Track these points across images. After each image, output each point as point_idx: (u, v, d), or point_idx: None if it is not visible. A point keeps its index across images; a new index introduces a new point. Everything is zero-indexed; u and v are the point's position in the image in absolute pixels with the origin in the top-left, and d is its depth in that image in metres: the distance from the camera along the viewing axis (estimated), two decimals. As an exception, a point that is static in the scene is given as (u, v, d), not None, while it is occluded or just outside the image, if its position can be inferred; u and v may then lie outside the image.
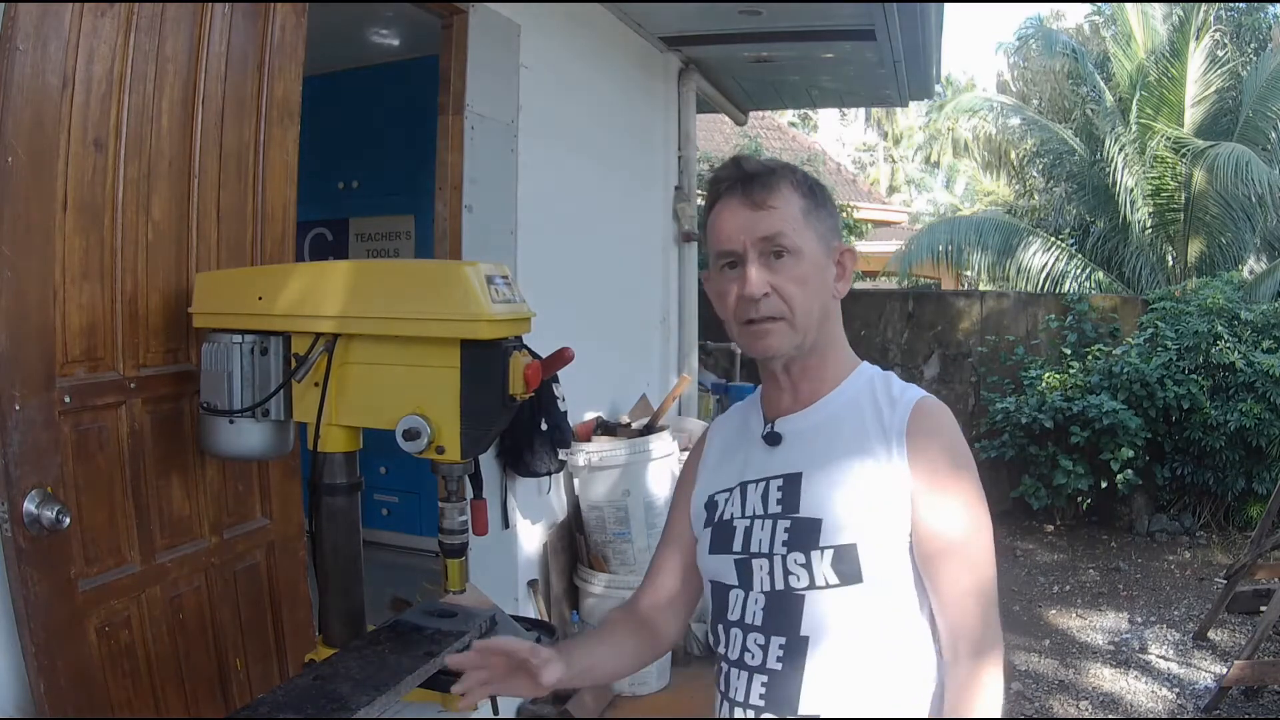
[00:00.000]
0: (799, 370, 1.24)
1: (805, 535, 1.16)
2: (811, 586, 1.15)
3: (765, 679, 1.18)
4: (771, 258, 1.17)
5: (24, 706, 1.49)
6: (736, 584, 1.22)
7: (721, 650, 1.24)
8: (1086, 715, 3.77)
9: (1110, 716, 3.75)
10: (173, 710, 1.76)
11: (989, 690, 1.15)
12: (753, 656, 1.19)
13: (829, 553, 1.14)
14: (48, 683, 1.49)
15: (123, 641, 1.67)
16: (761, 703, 1.17)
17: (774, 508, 1.20)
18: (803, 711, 1.15)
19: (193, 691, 1.81)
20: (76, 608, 1.56)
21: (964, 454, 1.19)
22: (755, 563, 1.20)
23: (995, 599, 1.18)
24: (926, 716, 1.19)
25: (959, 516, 1.15)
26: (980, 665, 1.15)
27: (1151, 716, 3.74)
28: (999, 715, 1.14)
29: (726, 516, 1.25)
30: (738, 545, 1.22)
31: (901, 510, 1.14)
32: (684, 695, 3.46)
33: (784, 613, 1.17)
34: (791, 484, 1.20)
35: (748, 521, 1.22)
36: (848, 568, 1.14)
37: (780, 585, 1.17)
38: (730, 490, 1.26)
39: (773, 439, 1.25)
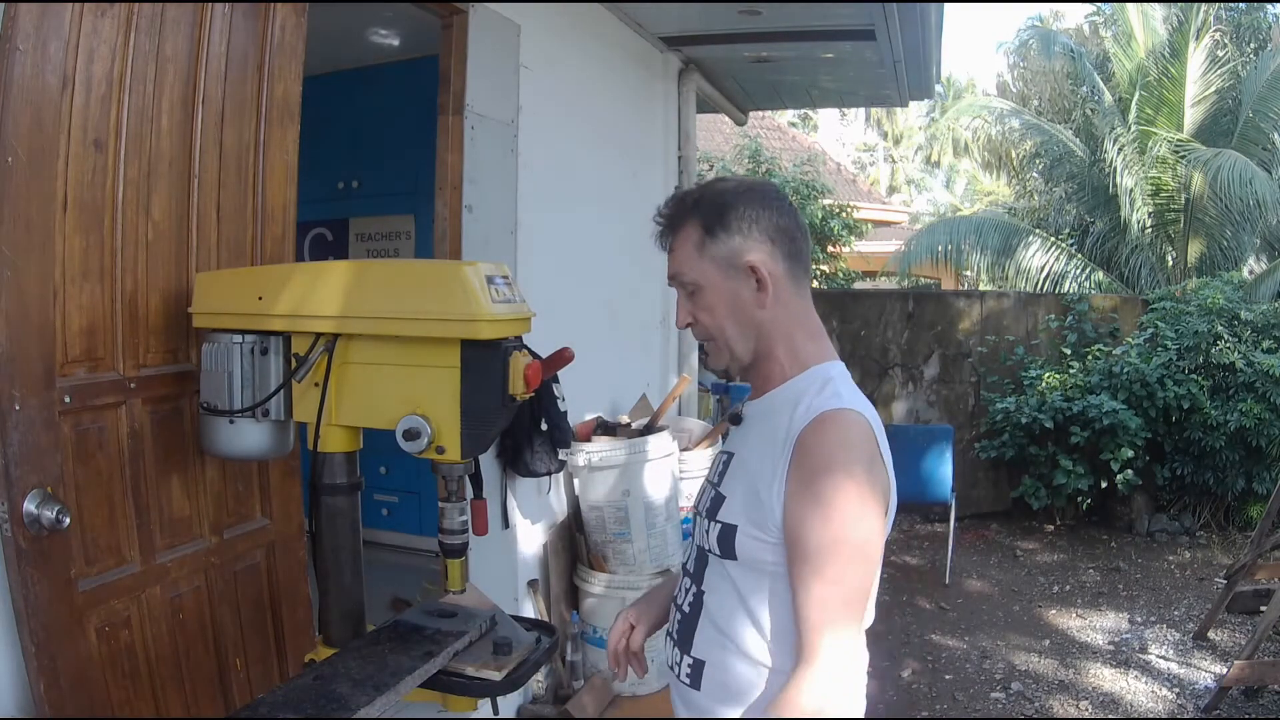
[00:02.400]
0: (753, 370, 1.39)
1: (715, 506, 1.33)
2: (710, 551, 1.33)
3: (679, 617, 1.39)
4: (687, 293, 1.35)
5: (24, 706, 1.49)
6: (691, 532, 1.44)
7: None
8: (1086, 715, 3.77)
9: (1110, 716, 3.75)
10: (173, 710, 1.76)
11: (803, 696, 1.16)
12: (681, 596, 1.41)
13: (718, 527, 1.31)
14: (48, 683, 1.49)
15: (123, 641, 1.67)
16: (675, 637, 1.39)
17: (715, 477, 1.40)
18: (694, 653, 1.33)
19: (193, 691, 1.81)
20: (76, 608, 1.56)
21: (838, 468, 1.20)
22: (697, 519, 1.40)
23: (845, 614, 1.19)
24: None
25: (818, 528, 1.19)
26: (804, 672, 1.17)
27: (1151, 716, 3.74)
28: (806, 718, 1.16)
29: (707, 476, 1.46)
30: (696, 500, 1.43)
31: (774, 509, 1.24)
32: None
33: (700, 566, 1.37)
34: (728, 461, 1.38)
35: (706, 484, 1.43)
36: (726, 544, 1.29)
37: (701, 543, 1.37)
38: (717, 454, 1.47)
39: (734, 419, 1.43)
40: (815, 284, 9.30)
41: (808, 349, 1.35)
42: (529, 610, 3.24)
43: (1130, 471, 6.07)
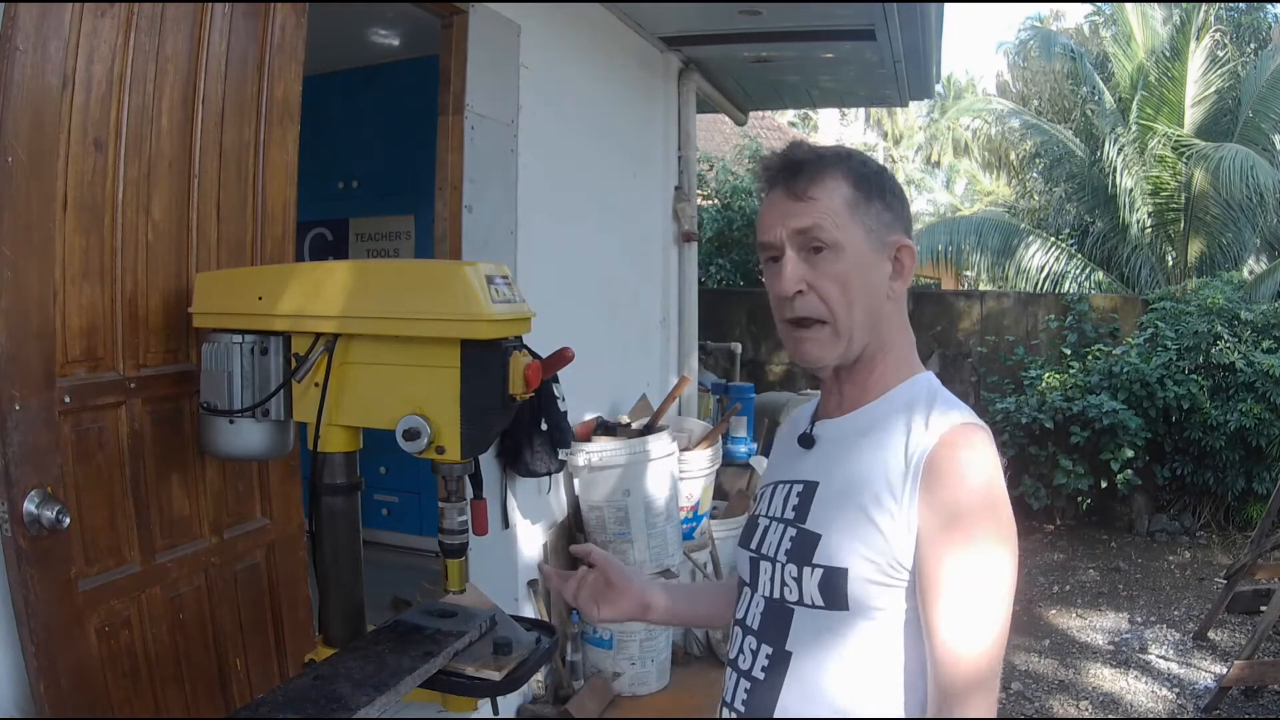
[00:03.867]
0: (846, 375, 1.17)
1: (804, 548, 1.12)
2: (800, 603, 1.12)
3: (749, 685, 1.16)
4: (810, 253, 1.11)
5: (24, 706, 1.49)
6: (748, 582, 1.21)
7: (728, 646, 1.23)
8: (1086, 715, 3.77)
9: (1110, 716, 3.75)
10: (173, 710, 1.76)
11: None
12: (744, 660, 1.18)
13: (819, 572, 1.09)
14: (48, 683, 1.49)
15: (123, 641, 1.67)
16: (743, 708, 1.16)
17: (788, 513, 1.16)
18: None
19: (193, 691, 1.81)
20: (76, 608, 1.56)
21: (986, 495, 1.05)
22: (763, 564, 1.17)
23: (998, 661, 1.05)
24: None
25: (972, 570, 1.04)
26: (954, 712, 1.04)
27: (1151, 716, 3.74)
28: None
29: (758, 511, 1.24)
30: (754, 543, 1.21)
31: (903, 547, 1.06)
32: (684, 695, 3.46)
33: (776, 622, 1.15)
34: (808, 492, 1.15)
35: (767, 521, 1.20)
36: (834, 592, 1.08)
37: (777, 594, 1.15)
38: (769, 486, 1.24)
39: (806, 441, 1.21)
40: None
41: (911, 357, 1.19)
42: (529, 610, 3.24)
43: (1130, 471, 6.08)
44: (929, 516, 1.04)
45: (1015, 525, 1.08)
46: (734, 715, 1.17)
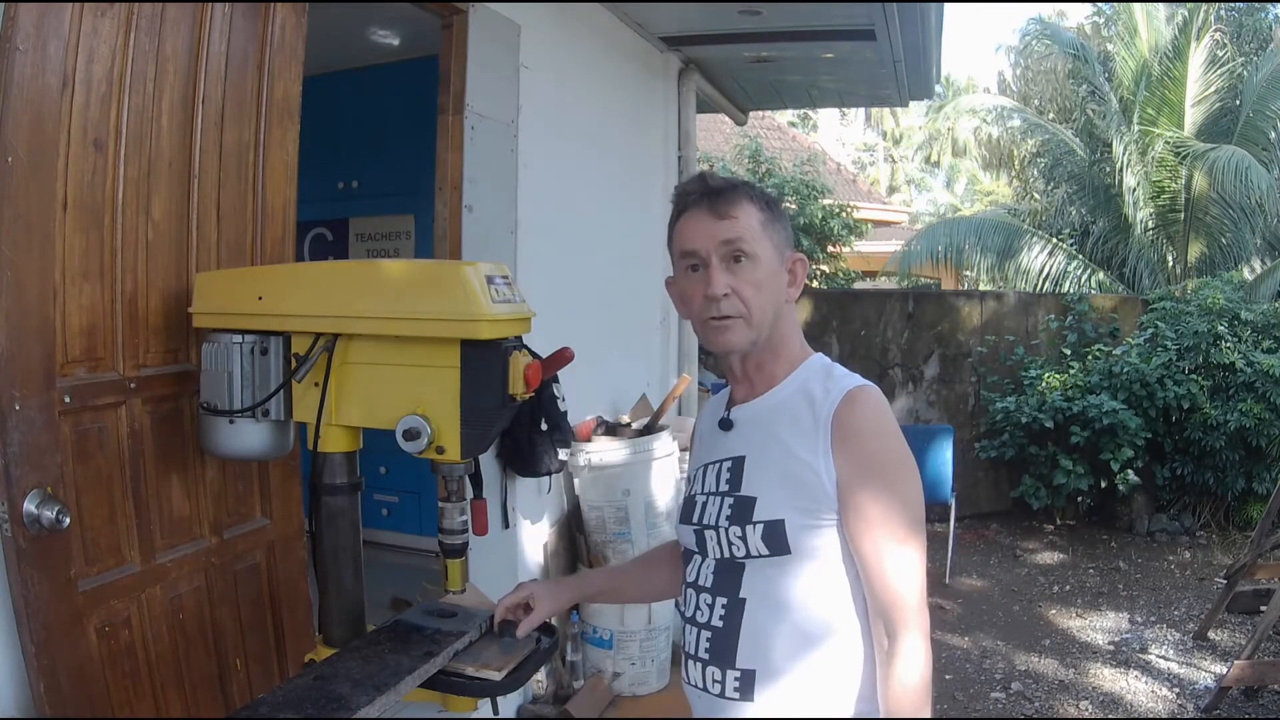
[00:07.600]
0: (754, 365, 1.38)
1: (743, 511, 1.31)
2: (748, 556, 1.30)
3: (710, 634, 1.34)
4: (731, 261, 1.32)
5: (24, 706, 1.49)
6: (696, 550, 1.39)
7: (683, 608, 1.41)
8: (1086, 715, 3.77)
9: (1110, 716, 3.75)
10: (173, 710, 1.76)
11: (909, 659, 1.23)
12: (702, 614, 1.35)
13: (760, 527, 1.29)
14: (48, 683, 1.49)
15: (123, 641, 1.67)
16: (707, 656, 1.34)
17: (722, 486, 1.36)
18: (739, 664, 1.30)
19: (193, 691, 1.81)
20: (76, 608, 1.56)
21: (887, 439, 1.29)
22: (708, 533, 1.35)
23: (922, 570, 1.27)
24: (852, 674, 1.30)
25: (885, 497, 1.25)
26: (900, 637, 1.24)
27: (1151, 716, 3.74)
28: (920, 679, 1.23)
29: (692, 492, 1.44)
30: (695, 517, 1.39)
31: (826, 491, 1.27)
32: (684, 695, 3.46)
33: (728, 577, 1.33)
34: (737, 466, 1.35)
35: (704, 498, 1.39)
36: (776, 541, 1.28)
37: (726, 554, 1.33)
38: (699, 469, 1.44)
39: (725, 425, 1.41)
40: (815, 284, 9.32)
41: (804, 346, 1.42)
42: (529, 610, 3.23)
43: (1130, 471, 6.07)
44: (844, 459, 1.26)
45: (914, 457, 1.30)
46: (700, 665, 1.34)
